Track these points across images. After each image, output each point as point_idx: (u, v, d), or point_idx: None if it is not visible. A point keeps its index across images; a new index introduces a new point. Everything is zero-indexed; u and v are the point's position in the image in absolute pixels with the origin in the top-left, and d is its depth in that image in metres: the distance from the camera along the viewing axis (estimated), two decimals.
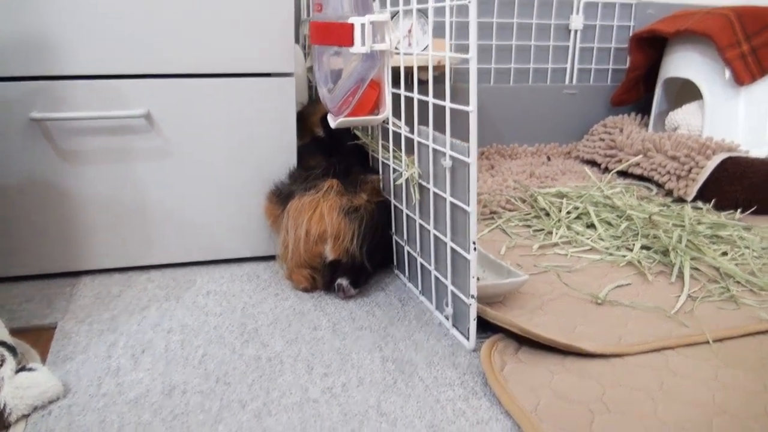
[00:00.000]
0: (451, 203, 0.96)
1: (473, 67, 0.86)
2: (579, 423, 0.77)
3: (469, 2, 0.84)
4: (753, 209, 1.57)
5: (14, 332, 0.94)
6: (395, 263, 1.25)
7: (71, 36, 1.10)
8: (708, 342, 0.97)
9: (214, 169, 1.22)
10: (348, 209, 1.12)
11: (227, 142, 1.22)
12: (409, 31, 1.58)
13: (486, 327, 0.98)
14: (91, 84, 1.13)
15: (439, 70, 1.68)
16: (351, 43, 1.08)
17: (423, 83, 1.05)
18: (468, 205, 0.90)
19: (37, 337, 0.99)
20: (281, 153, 1.25)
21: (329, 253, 1.12)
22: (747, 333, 1.00)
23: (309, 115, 1.36)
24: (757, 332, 1.00)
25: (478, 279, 0.93)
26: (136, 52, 1.14)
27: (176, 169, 1.20)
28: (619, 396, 0.82)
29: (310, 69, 1.65)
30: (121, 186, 1.18)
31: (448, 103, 0.94)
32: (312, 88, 1.65)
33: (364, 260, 1.13)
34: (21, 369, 0.84)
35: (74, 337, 0.99)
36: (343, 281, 1.12)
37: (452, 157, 0.94)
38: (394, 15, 1.14)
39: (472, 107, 0.87)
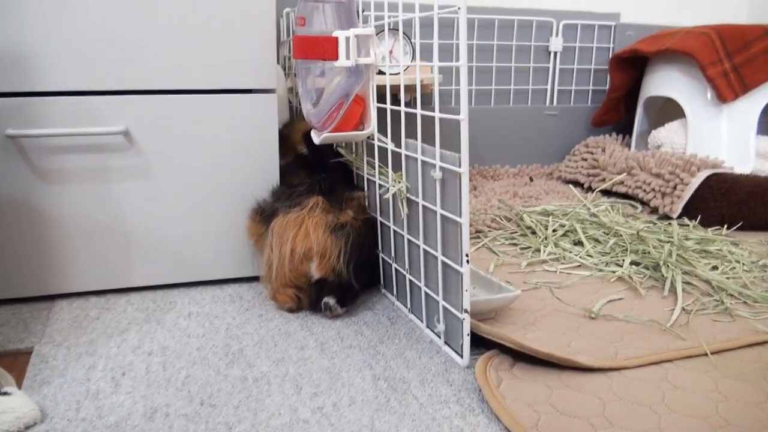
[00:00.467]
0: (442, 215, 0.93)
1: (464, 73, 0.84)
2: None
3: (459, 9, 0.83)
4: (739, 225, 1.57)
5: None
6: (382, 282, 1.22)
7: (48, 52, 1.07)
8: (706, 354, 0.95)
9: (194, 187, 1.19)
10: (334, 226, 1.09)
11: (208, 160, 1.19)
12: (390, 51, 1.57)
13: (478, 344, 0.95)
14: (68, 101, 1.10)
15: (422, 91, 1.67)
16: (335, 57, 1.06)
17: (406, 104, 1.04)
18: (460, 216, 0.88)
19: (13, 362, 0.95)
20: (264, 171, 1.22)
21: (315, 272, 1.09)
22: (744, 345, 0.98)
23: (291, 133, 1.34)
24: (754, 343, 0.98)
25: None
26: (114, 68, 1.11)
27: (156, 188, 1.17)
28: (621, 410, 0.80)
29: (291, 90, 1.63)
30: (99, 206, 1.15)
31: (437, 114, 0.92)
32: (292, 109, 1.62)
33: (351, 278, 1.10)
34: None
35: (51, 360, 0.95)
36: (330, 300, 1.09)
37: (442, 168, 0.91)
38: (378, 33, 1.12)
39: (463, 116, 0.85)
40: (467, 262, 0.88)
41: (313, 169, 1.26)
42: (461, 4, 0.82)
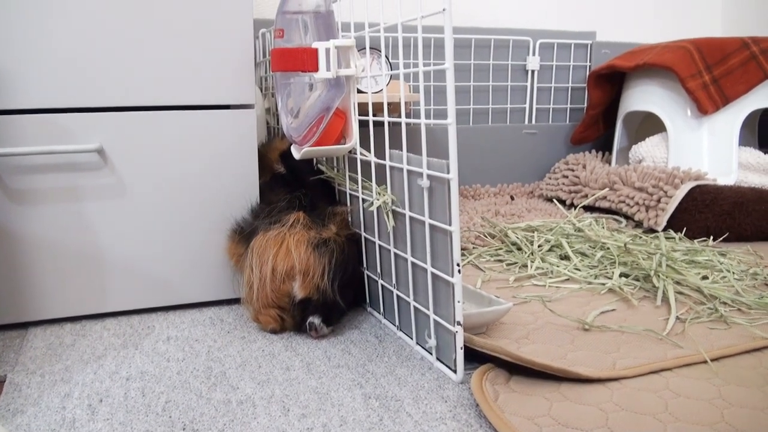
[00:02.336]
0: (431, 225, 0.90)
1: (450, 77, 0.82)
2: None
3: (444, 10, 0.80)
4: (724, 236, 1.56)
5: None
6: (368, 300, 1.18)
7: (18, 69, 1.04)
8: (705, 361, 0.92)
9: (171, 207, 1.15)
10: (317, 243, 1.05)
11: (186, 178, 1.15)
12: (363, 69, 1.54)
13: (469, 359, 0.91)
14: (39, 118, 1.06)
15: (396, 111, 1.65)
16: (316, 69, 1.03)
17: (379, 125, 1.02)
18: (450, 225, 0.85)
19: None
20: (243, 189, 1.19)
21: (298, 291, 1.05)
22: (743, 351, 0.95)
23: (267, 152, 1.30)
24: (753, 349, 0.96)
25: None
26: (87, 85, 1.07)
27: (131, 208, 1.13)
28: (624, 420, 0.76)
29: (268, 110, 1.60)
30: (72, 227, 1.11)
31: (423, 120, 0.89)
32: (270, 130, 1.59)
33: (336, 296, 1.06)
34: None
35: (25, 389, 0.90)
36: (315, 319, 1.05)
37: (430, 176, 0.88)
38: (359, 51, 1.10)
39: (450, 120, 0.82)
40: (459, 272, 0.85)
41: (292, 187, 1.22)
42: (446, 5, 0.80)
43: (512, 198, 2.06)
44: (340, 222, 1.14)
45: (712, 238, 1.56)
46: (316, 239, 1.06)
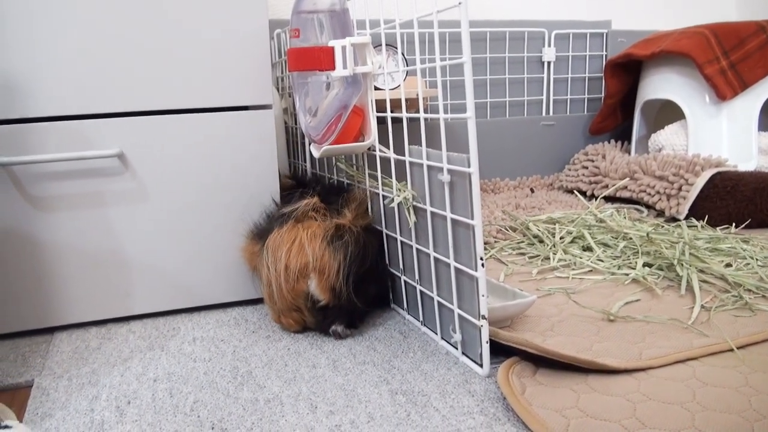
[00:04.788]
0: (453, 220, 0.90)
1: (468, 70, 0.81)
2: None
3: (459, 4, 0.80)
4: (746, 223, 1.54)
5: None
6: (391, 297, 1.18)
7: (38, 77, 1.04)
8: (731, 350, 0.91)
9: (193, 209, 1.16)
10: (332, 236, 1.03)
11: (205, 181, 1.16)
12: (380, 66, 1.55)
13: (495, 353, 0.91)
14: (60, 126, 1.07)
15: (414, 107, 1.65)
16: (332, 67, 1.03)
17: (397, 121, 1.01)
18: (471, 219, 0.85)
19: (12, 397, 0.91)
20: (264, 188, 1.19)
21: (316, 293, 1.03)
22: None
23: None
24: None
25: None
26: (107, 91, 1.08)
27: (153, 212, 1.14)
28: (652, 410, 0.76)
29: (286, 110, 1.61)
30: (96, 232, 1.11)
31: (441, 115, 0.89)
32: (288, 130, 1.60)
33: (351, 295, 1.03)
34: None
35: (53, 393, 0.91)
36: (338, 327, 1.04)
37: (450, 171, 0.88)
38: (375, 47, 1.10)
39: (470, 113, 0.82)
40: (482, 265, 0.85)
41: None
42: None
43: (532, 190, 2.05)
44: (357, 208, 1.11)
45: (734, 225, 1.54)
46: (331, 231, 1.03)
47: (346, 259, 1.02)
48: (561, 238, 1.44)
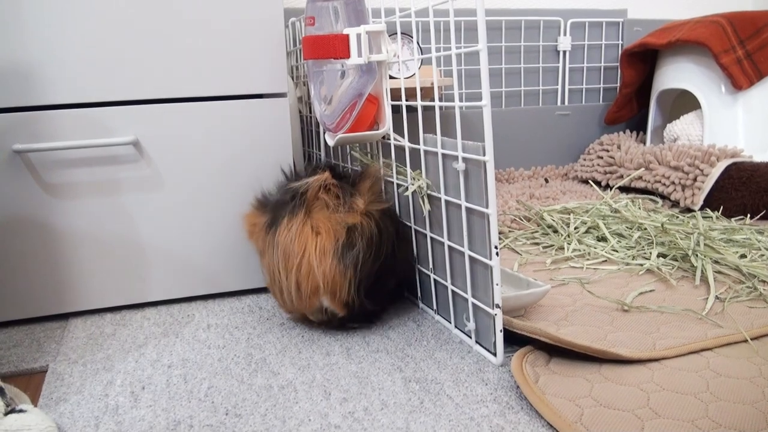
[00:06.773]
0: (467, 208, 0.90)
1: (483, 58, 0.81)
2: (628, 430, 0.71)
3: None
4: (762, 214, 1.53)
5: (2, 378, 0.87)
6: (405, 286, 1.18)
7: (53, 64, 1.05)
8: (746, 340, 0.91)
9: (207, 197, 1.16)
10: (342, 247, 0.97)
11: (220, 169, 1.16)
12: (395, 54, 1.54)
13: (509, 342, 0.91)
14: (75, 113, 1.07)
15: (428, 95, 1.65)
16: (347, 55, 1.03)
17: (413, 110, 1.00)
18: (486, 207, 0.85)
19: (27, 382, 0.92)
20: (278, 177, 1.19)
21: (330, 306, 1.00)
22: None
23: None
24: None
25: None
26: (122, 78, 1.08)
27: (168, 199, 1.14)
28: (666, 400, 0.76)
29: (300, 99, 1.60)
30: (111, 219, 1.12)
31: (457, 103, 0.89)
32: (303, 119, 1.60)
33: (365, 303, 1.00)
34: (10, 411, 0.76)
35: (67, 378, 0.91)
36: (354, 325, 1.05)
37: (465, 159, 0.88)
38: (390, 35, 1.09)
39: (485, 101, 0.82)
40: (497, 254, 0.85)
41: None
42: None
43: (547, 180, 2.04)
44: (370, 189, 1.05)
45: (749, 215, 1.53)
46: (342, 240, 0.97)
47: (357, 269, 0.97)
48: (575, 228, 1.44)
